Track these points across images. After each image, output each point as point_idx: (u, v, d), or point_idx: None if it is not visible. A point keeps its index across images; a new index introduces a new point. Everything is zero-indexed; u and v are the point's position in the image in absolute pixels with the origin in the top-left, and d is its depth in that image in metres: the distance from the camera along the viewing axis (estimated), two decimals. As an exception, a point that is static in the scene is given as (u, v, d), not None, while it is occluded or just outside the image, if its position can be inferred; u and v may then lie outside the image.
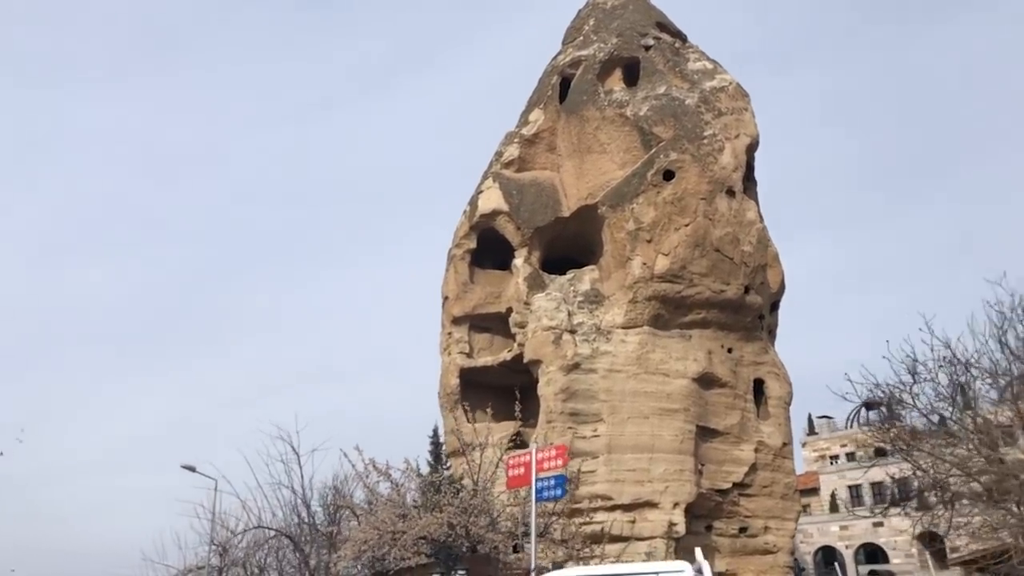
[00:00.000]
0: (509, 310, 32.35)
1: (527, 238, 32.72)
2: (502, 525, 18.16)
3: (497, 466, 19.42)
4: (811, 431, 62.49)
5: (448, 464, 27.33)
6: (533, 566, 13.56)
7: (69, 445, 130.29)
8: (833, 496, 50.80)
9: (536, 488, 13.91)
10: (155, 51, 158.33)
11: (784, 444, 29.68)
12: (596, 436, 27.39)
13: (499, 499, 18.98)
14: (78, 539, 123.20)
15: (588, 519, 22.12)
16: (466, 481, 19.87)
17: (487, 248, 34.43)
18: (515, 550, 17.48)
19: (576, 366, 28.26)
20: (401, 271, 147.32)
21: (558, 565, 16.47)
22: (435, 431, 34.20)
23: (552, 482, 14.08)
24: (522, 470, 14.25)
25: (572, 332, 28.99)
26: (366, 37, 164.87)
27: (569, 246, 33.63)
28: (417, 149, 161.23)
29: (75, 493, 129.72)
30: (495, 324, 33.59)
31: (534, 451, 14.23)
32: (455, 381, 32.55)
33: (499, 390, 31.11)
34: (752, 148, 31.92)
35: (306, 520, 23.50)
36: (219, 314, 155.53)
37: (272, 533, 23.48)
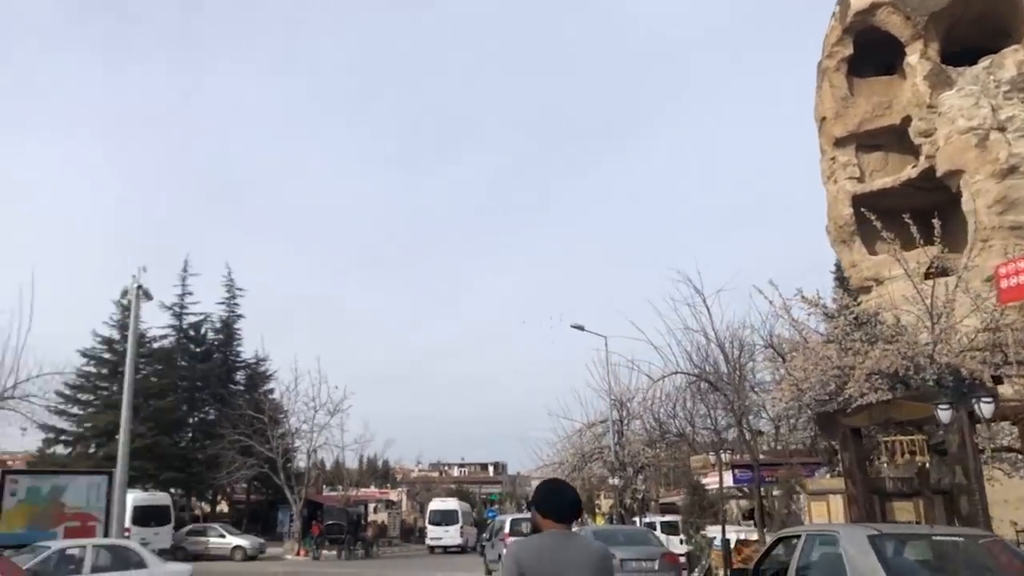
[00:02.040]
0: (907, 119, 27.76)
1: (919, 29, 27.46)
2: (972, 353, 15.44)
3: (954, 288, 16.50)
4: None
5: (858, 299, 24.44)
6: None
7: (459, 323, 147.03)
8: None
9: (1053, 298, 10.95)
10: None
11: None
12: (1049, 250, 22.61)
13: (962, 324, 16.18)
14: (481, 406, 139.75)
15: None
16: (909, 308, 17.23)
17: (865, 53, 29.69)
18: (996, 381, 14.75)
19: (1012, 170, 23.41)
20: (773, 100, 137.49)
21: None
22: (837, 267, 31.13)
23: (1079, 289, 11.01)
24: (1022, 279, 11.33)
25: (1001, 130, 23.96)
26: None
27: (973, 30, 27.74)
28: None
29: (471, 364, 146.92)
30: (888, 139, 29.20)
31: (1043, 254, 11.18)
32: (847, 211, 29.04)
33: (900, 215, 27.14)
34: None
35: (713, 364, 22.38)
36: (566, 193, 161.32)
37: (688, 380, 22.79)
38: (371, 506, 54.69)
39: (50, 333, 24.34)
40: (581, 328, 33.51)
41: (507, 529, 28.08)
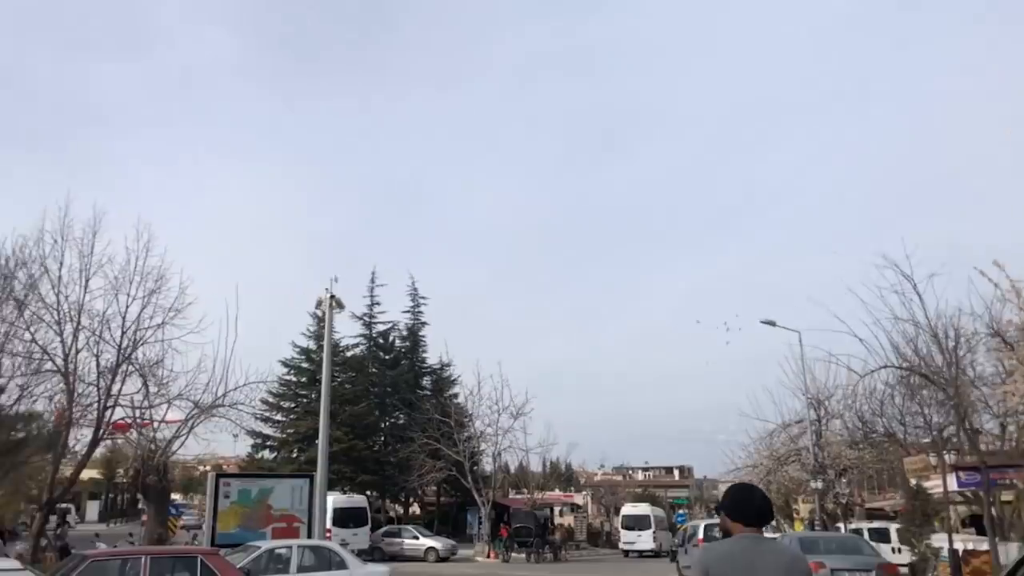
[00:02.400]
0: None
1: None
2: None
3: None
4: None
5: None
6: None
7: (627, 325, 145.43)
8: None
9: None
10: None
11: None
12: None
13: None
14: (663, 408, 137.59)
15: None
16: None
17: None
18: None
19: None
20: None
21: None
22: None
23: None
24: None
25: None
26: None
27: None
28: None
29: (641, 365, 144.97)
30: None
31: None
32: (1078, 177, 25.59)
33: None
34: None
35: (925, 356, 20.19)
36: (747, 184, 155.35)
37: (898, 375, 20.77)
38: (556, 509, 54.72)
39: (254, 344, 25.82)
40: (772, 323, 31.72)
41: (700, 535, 26.95)
